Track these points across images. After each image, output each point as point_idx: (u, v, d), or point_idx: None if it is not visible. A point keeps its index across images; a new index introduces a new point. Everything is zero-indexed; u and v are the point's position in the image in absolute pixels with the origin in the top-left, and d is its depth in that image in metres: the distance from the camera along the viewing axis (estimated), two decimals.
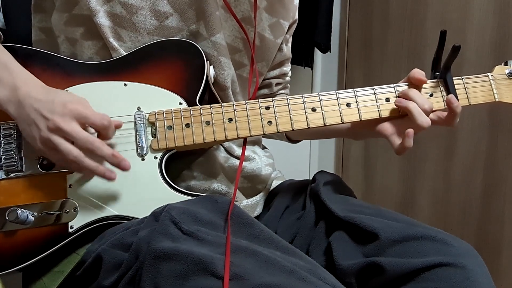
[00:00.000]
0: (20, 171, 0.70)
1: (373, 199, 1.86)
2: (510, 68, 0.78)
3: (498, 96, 0.77)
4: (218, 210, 0.65)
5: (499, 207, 1.51)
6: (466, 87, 0.76)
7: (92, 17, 0.72)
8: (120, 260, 0.61)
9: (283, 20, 0.88)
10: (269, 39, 0.86)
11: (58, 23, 0.76)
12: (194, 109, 0.72)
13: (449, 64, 0.74)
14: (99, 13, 0.72)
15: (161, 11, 0.74)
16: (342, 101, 0.74)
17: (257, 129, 0.72)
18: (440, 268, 0.61)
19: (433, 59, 0.75)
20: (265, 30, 0.85)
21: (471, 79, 0.76)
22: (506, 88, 0.77)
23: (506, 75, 0.77)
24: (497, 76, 0.77)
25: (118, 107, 0.71)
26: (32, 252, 0.68)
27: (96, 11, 0.72)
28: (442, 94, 0.75)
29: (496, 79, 0.77)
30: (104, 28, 0.73)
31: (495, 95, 0.77)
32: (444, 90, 0.75)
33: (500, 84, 0.77)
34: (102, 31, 0.73)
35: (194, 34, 0.77)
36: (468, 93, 0.76)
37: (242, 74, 0.85)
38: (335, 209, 0.73)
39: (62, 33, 0.77)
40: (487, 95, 0.76)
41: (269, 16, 0.85)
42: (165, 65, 0.74)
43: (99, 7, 0.72)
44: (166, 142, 0.71)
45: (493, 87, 0.77)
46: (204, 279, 0.54)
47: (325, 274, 0.59)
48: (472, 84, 0.76)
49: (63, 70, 0.73)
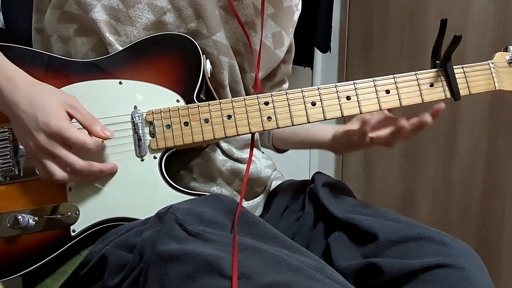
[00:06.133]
0: (17, 176, 0.69)
1: (373, 199, 1.86)
2: (510, 54, 0.76)
3: (498, 85, 0.75)
4: (222, 209, 0.64)
5: (499, 207, 1.51)
6: (466, 76, 0.75)
7: (87, 12, 0.71)
8: (125, 261, 0.61)
9: (284, 33, 0.87)
10: (269, 48, 0.85)
11: (50, 21, 0.75)
12: (192, 107, 0.71)
13: (450, 54, 0.72)
14: (95, 8, 0.71)
15: (158, 6, 0.73)
16: (342, 94, 0.73)
17: (257, 125, 0.71)
18: (438, 269, 0.61)
19: (433, 47, 0.74)
20: (267, 38, 0.84)
21: (471, 67, 0.75)
22: (506, 76, 0.76)
23: (507, 62, 0.76)
24: (498, 63, 0.76)
25: (114, 107, 0.70)
26: (35, 257, 0.67)
27: (92, 5, 0.71)
28: (443, 84, 0.74)
29: (496, 66, 0.76)
30: (100, 23, 0.71)
31: (496, 83, 0.75)
32: (445, 80, 0.74)
33: (500, 71, 0.75)
34: (98, 27, 0.71)
35: (193, 32, 0.76)
36: (469, 82, 0.74)
37: (243, 80, 0.84)
38: (334, 210, 0.73)
39: (54, 32, 0.76)
40: (487, 84, 0.75)
41: (274, 24, 0.85)
42: (160, 61, 0.73)
43: (95, 1, 0.71)
44: (165, 141, 0.70)
45: (494, 75, 0.75)
46: (211, 279, 0.54)
47: (332, 272, 0.58)
48: (473, 73, 0.75)
49: (57, 69, 0.71)
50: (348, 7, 1.89)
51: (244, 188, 0.69)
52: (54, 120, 0.63)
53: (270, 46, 0.85)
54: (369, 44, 1.82)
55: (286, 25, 0.88)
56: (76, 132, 0.63)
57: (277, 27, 0.85)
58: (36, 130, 0.63)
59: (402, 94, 0.73)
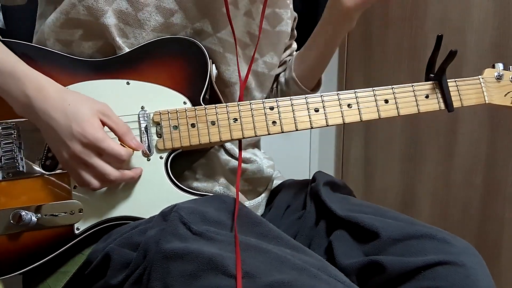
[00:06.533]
0: (21, 172, 0.69)
1: (373, 199, 1.86)
2: (498, 71, 0.81)
3: (488, 98, 0.81)
4: (226, 210, 0.65)
5: (499, 207, 1.51)
6: (459, 89, 0.79)
7: (98, 18, 0.71)
8: (129, 259, 0.61)
9: (278, 9, 0.88)
10: (267, 30, 0.86)
11: (51, 25, 0.73)
12: (199, 109, 0.72)
13: (445, 67, 0.76)
14: (107, 13, 0.71)
15: (166, 8, 0.74)
16: (343, 102, 0.75)
17: (262, 129, 0.73)
18: (440, 266, 0.61)
19: (428, 61, 0.79)
20: (263, 22, 0.85)
21: (463, 81, 0.80)
22: (495, 91, 0.81)
23: (495, 78, 0.81)
24: (487, 78, 0.81)
25: (121, 106, 0.70)
26: (37, 254, 0.67)
27: (104, 11, 0.71)
28: (437, 96, 0.78)
29: (486, 81, 0.81)
30: (111, 28, 0.72)
31: (486, 97, 0.81)
32: (439, 92, 0.78)
33: (490, 86, 0.81)
34: (110, 32, 0.71)
35: (199, 31, 0.76)
36: (461, 95, 0.79)
37: (256, 69, 0.85)
38: (335, 208, 0.73)
39: (51, 35, 0.74)
40: (478, 97, 0.80)
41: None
42: (167, 63, 0.73)
43: (107, 7, 0.71)
44: (172, 142, 0.71)
45: (484, 90, 0.81)
46: (215, 278, 0.54)
47: (335, 271, 0.59)
48: (465, 87, 0.80)
49: (64, 67, 0.71)
50: None
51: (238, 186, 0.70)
52: (90, 130, 0.63)
53: (268, 28, 0.86)
54: (369, 44, 1.82)
55: (279, 2, 0.88)
56: (111, 144, 0.64)
57: (267, 9, 0.85)
58: (71, 140, 0.62)
59: (400, 104, 0.77)
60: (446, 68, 0.76)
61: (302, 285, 0.52)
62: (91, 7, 0.71)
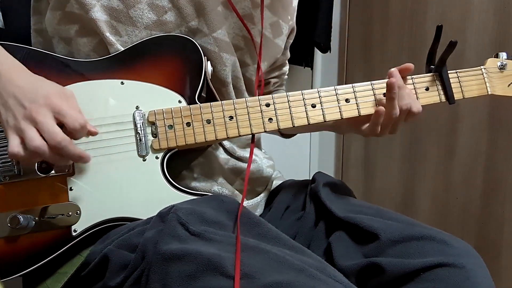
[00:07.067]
0: (18, 175, 0.68)
1: (373, 199, 1.86)
2: (501, 60, 0.79)
3: (490, 89, 0.78)
4: (224, 209, 0.64)
5: (499, 207, 1.51)
6: (460, 81, 0.77)
7: (87, 11, 0.71)
8: (127, 261, 0.61)
9: (282, 21, 0.88)
10: (268, 38, 0.86)
11: (51, 23, 0.75)
12: (194, 108, 0.71)
13: (445, 58, 0.74)
14: (94, 8, 0.71)
15: (159, 5, 0.73)
16: (341, 96, 0.74)
17: (258, 126, 0.72)
18: (440, 268, 0.61)
19: (428, 52, 0.77)
20: (266, 28, 0.85)
21: (465, 72, 0.77)
22: (498, 81, 0.78)
23: (498, 68, 0.78)
24: (490, 69, 0.78)
25: (115, 106, 0.70)
26: (36, 257, 0.67)
27: (92, 5, 0.71)
28: (438, 88, 0.76)
29: (488, 72, 0.78)
30: (100, 22, 0.71)
31: (488, 88, 0.78)
32: (440, 84, 0.76)
33: (492, 77, 0.78)
34: (98, 26, 0.71)
35: (194, 31, 0.76)
36: (462, 86, 0.77)
37: (245, 74, 0.84)
38: (335, 209, 0.73)
39: (55, 33, 0.75)
40: (480, 88, 0.78)
41: (271, 14, 0.85)
42: (161, 62, 0.73)
43: (94, 1, 0.71)
44: (167, 141, 0.70)
45: (486, 80, 0.78)
46: (213, 279, 0.54)
47: (334, 272, 0.59)
48: (466, 78, 0.77)
49: (59, 68, 0.71)
50: (348, 7, 1.89)
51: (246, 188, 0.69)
52: (53, 96, 0.61)
53: (269, 36, 0.86)
54: (369, 44, 1.82)
55: (283, 13, 0.88)
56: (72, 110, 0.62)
57: (273, 17, 0.86)
58: (30, 102, 0.60)
59: None
60: (447, 59, 0.74)
61: (301, 285, 0.52)
62: (80, 1, 0.71)
